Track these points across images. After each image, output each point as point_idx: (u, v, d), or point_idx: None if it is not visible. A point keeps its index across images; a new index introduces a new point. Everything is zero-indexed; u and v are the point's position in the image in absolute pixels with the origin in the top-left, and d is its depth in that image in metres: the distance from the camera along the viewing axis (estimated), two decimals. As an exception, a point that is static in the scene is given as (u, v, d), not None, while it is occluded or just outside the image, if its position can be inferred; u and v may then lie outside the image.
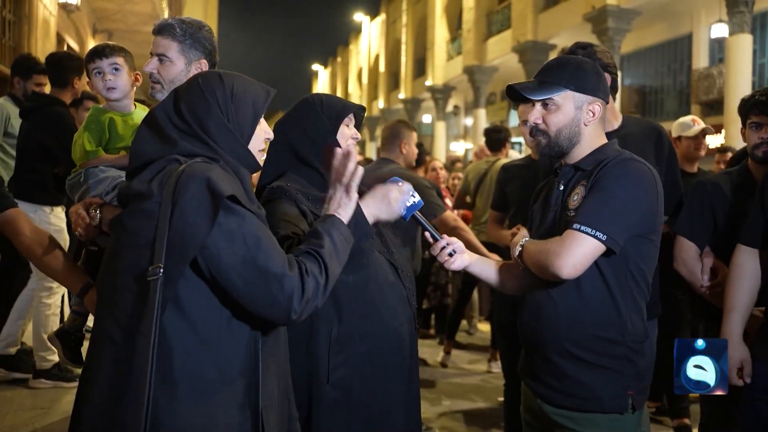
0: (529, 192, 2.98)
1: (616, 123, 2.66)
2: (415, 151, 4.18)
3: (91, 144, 2.34)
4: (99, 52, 2.80)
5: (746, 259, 2.27)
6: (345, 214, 1.59)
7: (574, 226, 1.82)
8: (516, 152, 7.22)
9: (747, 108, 2.70)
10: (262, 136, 1.61)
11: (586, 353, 1.88)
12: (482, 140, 5.96)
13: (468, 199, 5.62)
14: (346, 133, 2.04)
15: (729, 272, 2.32)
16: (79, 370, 4.50)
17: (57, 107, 4.25)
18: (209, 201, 1.36)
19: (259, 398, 1.44)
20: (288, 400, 1.60)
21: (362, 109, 2.12)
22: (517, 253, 1.99)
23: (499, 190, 3.29)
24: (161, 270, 1.34)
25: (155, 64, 2.23)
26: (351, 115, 2.07)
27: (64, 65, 4.40)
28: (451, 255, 1.99)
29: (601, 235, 1.79)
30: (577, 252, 1.80)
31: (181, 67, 2.21)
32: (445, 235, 2.00)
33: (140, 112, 2.44)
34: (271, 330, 1.52)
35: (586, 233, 1.80)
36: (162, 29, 2.28)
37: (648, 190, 1.87)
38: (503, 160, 5.13)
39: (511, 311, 3.12)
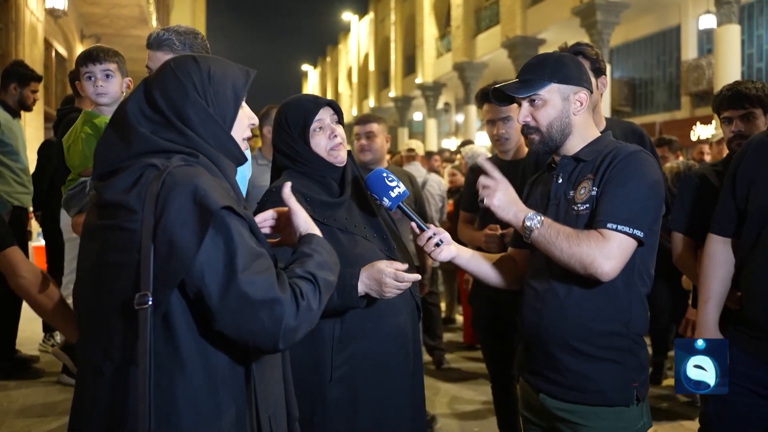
0: None
1: (600, 126, 2.68)
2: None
3: (91, 149, 2.27)
4: (93, 57, 2.71)
5: (718, 249, 2.26)
6: (315, 230, 1.50)
7: (610, 226, 1.79)
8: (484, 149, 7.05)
9: (717, 105, 2.81)
10: (245, 121, 1.48)
11: (591, 347, 1.87)
12: (475, 137, 5.92)
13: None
14: (321, 144, 1.99)
15: (702, 262, 2.31)
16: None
17: (75, 115, 4.27)
18: (197, 216, 1.24)
19: (259, 410, 1.37)
20: (288, 401, 1.55)
21: (327, 103, 2.02)
22: (535, 228, 1.82)
23: (469, 192, 3.28)
24: (150, 298, 1.23)
25: None
26: (323, 110, 1.99)
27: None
28: (438, 245, 1.93)
29: (638, 232, 1.79)
30: (620, 253, 1.79)
31: None
32: (431, 225, 1.96)
33: None
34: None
35: (625, 232, 1.78)
36: (161, 44, 2.24)
37: (659, 181, 1.89)
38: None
39: (489, 310, 3.12)
